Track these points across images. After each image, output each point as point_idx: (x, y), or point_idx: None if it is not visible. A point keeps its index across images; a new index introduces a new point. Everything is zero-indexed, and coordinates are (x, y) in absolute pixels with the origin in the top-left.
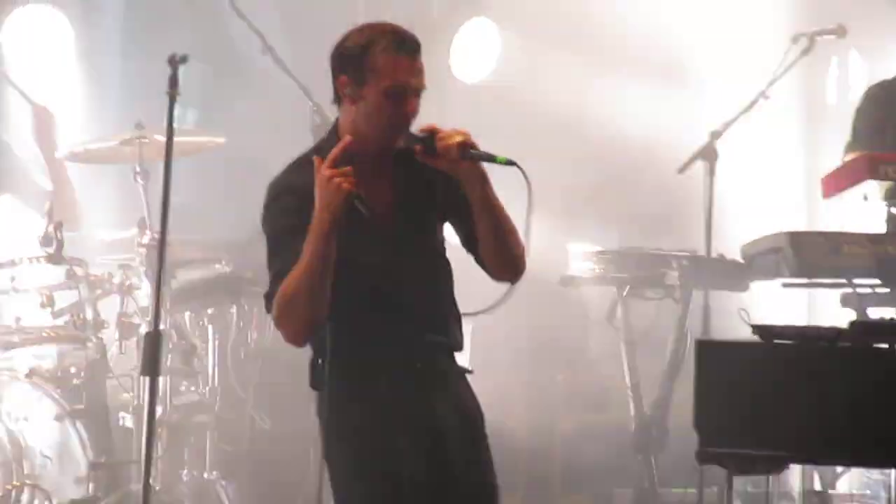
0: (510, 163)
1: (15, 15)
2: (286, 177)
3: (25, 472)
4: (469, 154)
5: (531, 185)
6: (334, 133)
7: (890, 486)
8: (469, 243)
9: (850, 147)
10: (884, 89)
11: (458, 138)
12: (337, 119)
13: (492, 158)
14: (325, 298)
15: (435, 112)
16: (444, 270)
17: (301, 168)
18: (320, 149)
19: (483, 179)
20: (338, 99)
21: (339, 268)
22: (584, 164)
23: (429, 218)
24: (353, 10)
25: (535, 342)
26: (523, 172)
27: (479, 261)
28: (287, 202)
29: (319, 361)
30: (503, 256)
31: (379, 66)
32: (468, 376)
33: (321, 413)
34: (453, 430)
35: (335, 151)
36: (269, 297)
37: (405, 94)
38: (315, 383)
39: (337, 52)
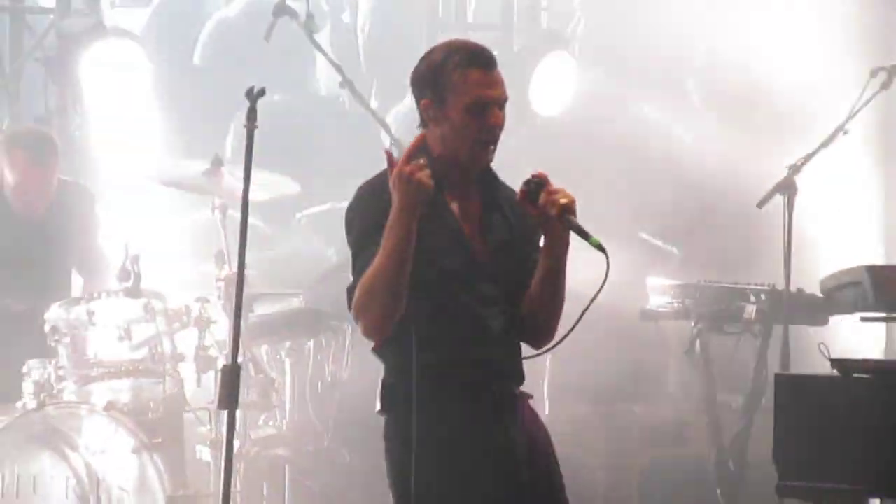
0: (600, 248)
1: (95, 48)
2: (372, 181)
3: None
4: (567, 219)
5: (609, 272)
6: (422, 147)
7: None
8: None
9: None
10: None
11: (565, 200)
12: (422, 136)
13: (586, 236)
14: (403, 292)
15: (513, 144)
16: (515, 302)
17: (382, 174)
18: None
19: (566, 247)
20: (423, 122)
21: (419, 275)
22: (662, 199)
23: (516, 248)
24: (431, 44)
25: (614, 375)
26: (607, 260)
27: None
28: (371, 203)
29: (399, 386)
30: (545, 321)
31: (456, 83)
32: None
33: (390, 436)
34: (523, 453)
35: (412, 146)
36: (350, 291)
37: (487, 107)
38: (385, 406)
39: (415, 76)
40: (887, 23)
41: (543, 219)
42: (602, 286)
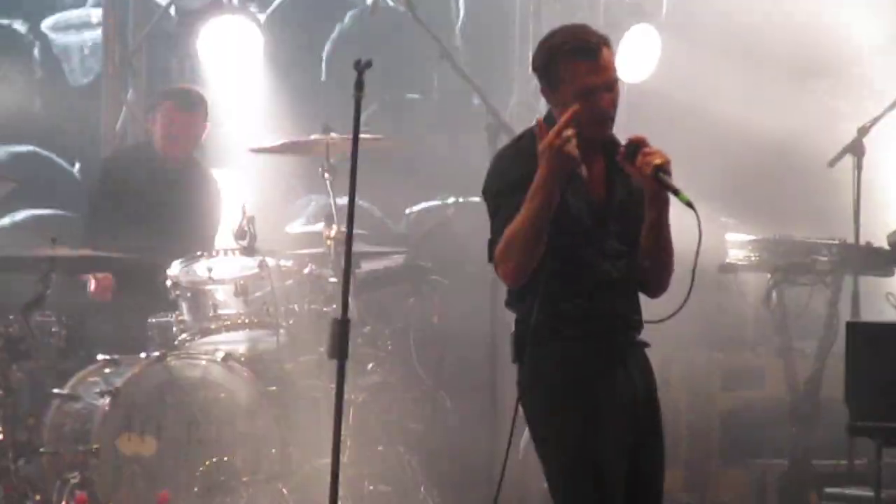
0: (689, 205)
1: (211, 24)
2: (509, 145)
3: (222, 448)
4: (661, 177)
5: (702, 230)
6: (550, 116)
7: None
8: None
9: None
10: None
11: (659, 160)
12: (550, 111)
13: (676, 192)
14: (541, 247)
15: None
16: (633, 256)
17: (523, 139)
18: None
19: (666, 203)
20: (544, 97)
21: (551, 232)
22: (740, 159)
23: (634, 205)
24: (525, 19)
25: (696, 324)
26: (698, 217)
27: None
28: (510, 166)
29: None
30: (656, 274)
31: (564, 74)
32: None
33: (525, 383)
34: (643, 397)
35: (563, 120)
36: (491, 244)
37: (595, 93)
38: (517, 355)
39: (533, 65)
40: None
41: (642, 178)
42: (699, 245)
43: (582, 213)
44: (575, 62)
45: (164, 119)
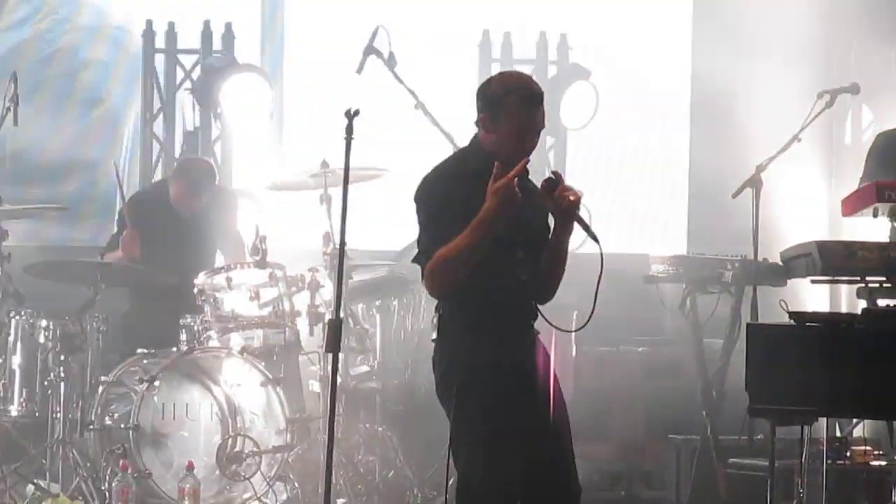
0: (595, 239)
1: (230, 79)
2: (439, 168)
3: (238, 426)
4: (573, 213)
5: (603, 260)
6: (477, 145)
7: (893, 431)
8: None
9: (863, 179)
10: (887, 137)
11: (574, 198)
12: (477, 135)
13: (586, 227)
14: (471, 268)
15: (547, 146)
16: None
17: (458, 163)
18: (466, 157)
19: (570, 233)
20: (480, 125)
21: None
22: (663, 190)
23: (537, 221)
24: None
25: (625, 325)
26: (601, 250)
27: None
28: (449, 184)
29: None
30: (550, 283)
31: (510, 112)
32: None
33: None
34: (543, 383)
35: (518, 168)
36: (425, 254)
37: (529, 135)
38: (440, 334)
39: (481, 93)
40: (831, 49)
41: (554, 208)
42: (600, 275)
43: (499, 226)
44: (524, 107)
45: (177, 192)
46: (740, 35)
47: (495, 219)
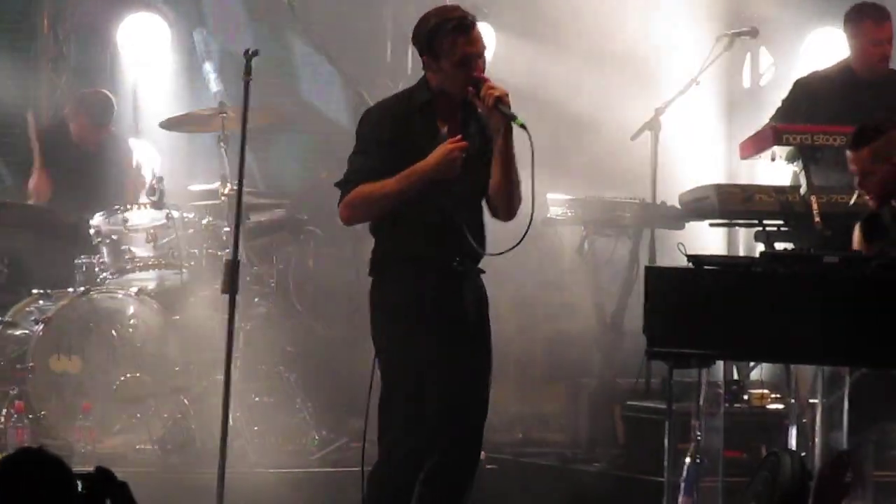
0: (523, 126)
1: (127, 20)
2: (392, 102)
3: (135, 367)
4: (499, 108)
5: (534, 146)
6: (424, 83)
7: (790, 374)
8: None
9: (770, 121)
10: (802, 83)
11: (498, 93)
12: (425, 75)
13: (512, 117)
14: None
15: None
16: (480, 197)
17: (401, 100)
18: (412, 93)
19: (505, 131)
20: (425, 68)
21: None
22: (562, 134)
23: (477, 160)
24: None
25: (523, 267)
26: (528, 135)
27: (486, 198)
28: (386, 120)
29: (383, 258)
30: (503, 199)
31: (446, 46)
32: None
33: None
34: (474, 319)
35: (463, 144)
36: (346, 183)
37: (471, 61)
38: (374, 271)
39: (415, 38)
40: None
41: (487, 111)
42: (533, 168)
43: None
44: (456, 35)
45: (77, 127)
46: None
47: (429, 178)
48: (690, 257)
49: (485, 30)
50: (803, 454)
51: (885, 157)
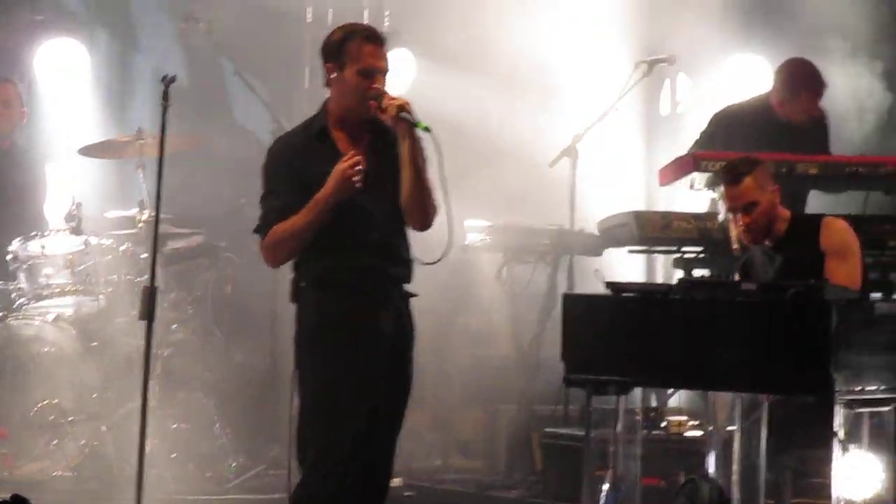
0: (427, 129)
1: (45, 46)
2: (293, 134)
3: (51, 394)
4: (402, 116)
5: (440, 148)
6: (324, 109)
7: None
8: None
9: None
10: (719, 116)
11: (399, 102)
12: (327, 99)
13: (415, 123)
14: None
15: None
16: (401, 219)
17: (302, 130)
18: (311, 123)
19: (411, 138)
20: (327, 83)
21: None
22: (480, 161)
23: (394, 179)
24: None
25: (439, 295)
26: (433, 138)
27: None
28: (287, 155)
29: (302, 284)
30: (415, 205)
31: (354, 53)
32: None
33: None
34: (399, 345)
35: (356, 160)
36: (261, 227)
37: (374, 73)
38: (295, 297)
39: (324, 47)
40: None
41: (391, 121)
42: (441, 167)
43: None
44: (365, 44)
45: None
46: (559, 3)
47: (332, 202)
48: (608, 284)
49: (405, 56)
50: (721, 481)
51: (764, 185)
